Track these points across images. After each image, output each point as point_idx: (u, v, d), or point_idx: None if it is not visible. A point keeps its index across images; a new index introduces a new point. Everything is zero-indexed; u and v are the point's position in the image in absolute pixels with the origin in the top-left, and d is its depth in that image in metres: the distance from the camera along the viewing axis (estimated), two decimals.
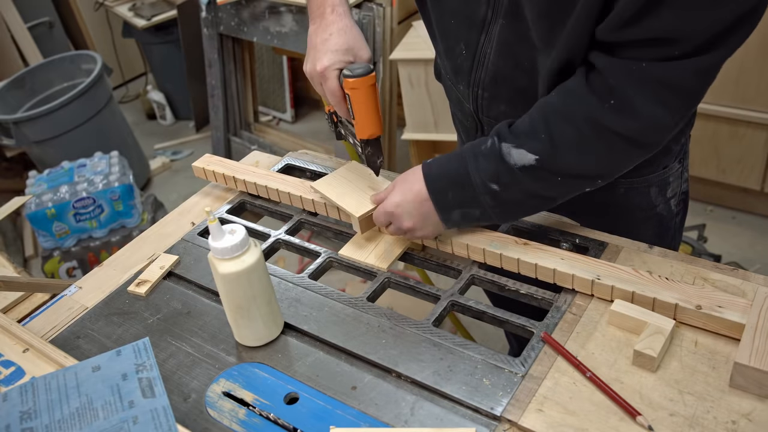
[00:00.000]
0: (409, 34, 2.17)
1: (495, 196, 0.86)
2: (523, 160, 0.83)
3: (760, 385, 0.72)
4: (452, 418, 0.76)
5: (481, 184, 0.86)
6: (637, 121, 0.77)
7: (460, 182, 0.88)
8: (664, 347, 0.77)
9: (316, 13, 0.96)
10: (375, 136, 0.97)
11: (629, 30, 0.73)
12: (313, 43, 0.95)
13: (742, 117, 2.16)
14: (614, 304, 0.83)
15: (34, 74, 3.12)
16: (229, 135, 3.04)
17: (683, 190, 1.10)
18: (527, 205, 0.89)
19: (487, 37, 0.92)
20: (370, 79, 0.90)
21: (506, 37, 0.89)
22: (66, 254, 2.55)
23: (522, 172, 0.83)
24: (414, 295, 0.96)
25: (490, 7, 0.88)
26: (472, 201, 0.88)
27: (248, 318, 0.86)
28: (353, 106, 0.92)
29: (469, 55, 0.96)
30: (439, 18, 0.98)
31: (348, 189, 1.04)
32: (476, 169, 0.86)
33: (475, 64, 0.96)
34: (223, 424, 0.79)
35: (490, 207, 0.87)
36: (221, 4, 2.65)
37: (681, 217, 1.14)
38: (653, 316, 0.80)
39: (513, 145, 0.83)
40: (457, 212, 0.90)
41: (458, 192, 0.88)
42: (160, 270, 1.03)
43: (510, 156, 0.83)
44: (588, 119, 0.79)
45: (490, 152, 0.85)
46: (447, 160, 0.91)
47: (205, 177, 1.23)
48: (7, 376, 0.85)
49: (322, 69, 0.92)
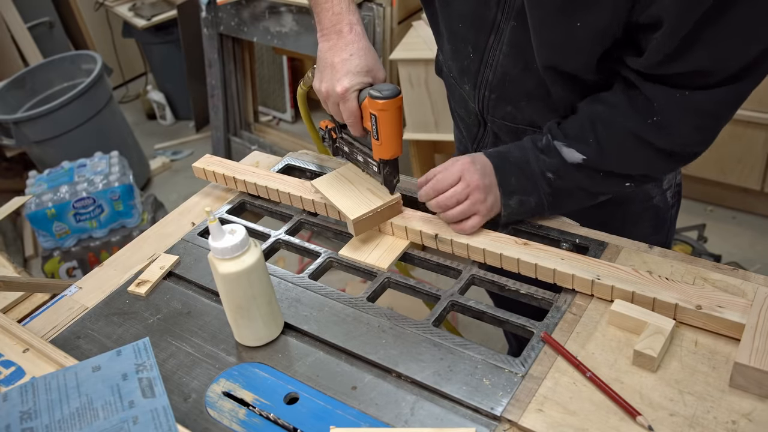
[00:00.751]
0: (409, 34, 2.17)
1: (551, 184, 0.94)
2: (573, 158, 0.91)
3: (760, 384, 0.72)
4: (452, 418, 0.76)
5: (540, 173, 0.93)
6: (675, 139, 0.86)
7: (521, 168, 0.94)
8: (664, 347, 0.77)
9: (331, 30, 0.94)
10: (396, 156, 0.97)
11: (668, 65, 0.79)
12: (330, 62, 0.93)
13: (742, 117, 2.16)
14: (614, 304, 0.83)
15: (34, 74, 3.12)
16: (229, 135, 3.04)
17: (677, 182, 1.13)
18: (575, 197, 0.96)
19: (495, 38, 0.93)
20: (398, 101, 0.91)
21: (518, 39, 0.90)
22: (66, 254, 2.55)
23: (573, 167, 0.91)
24: (414, 295, 0.96)
25: (500, 9, 0.90)
26: (532, 188, 0.94)
27: (248, 318, 0.86)
28: (380, 127, 0.92)
29: (476, 57, 0.97)
30: (447, 20, 0.98)
31: (347, 190, 1.04)
32: (536, 159, 0.93)
33: (483, 66, 0.96)
34: (223, 424, 0.79)
35: (546, 194, 0.94)
36: (221, 4, 2.65)
37: (676, 209, 1.17)
38: (653, 316, 0.80)
39: (564, 144, 0.91)
40: (515, 198, 0.95)
41: (520, 178, 0.94)
42: (161, 270, 1.03)
43: (562, 152, 0.91)
44: (632, 133, 0.86)
45: (546, 147, 0.93)
46: (507, 150, 0.96)
47: (205, 177, 1.23)
48: (7, 376, 0.85)
49: (343, 90, 0.92)
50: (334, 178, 1.08)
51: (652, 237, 0.98)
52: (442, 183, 0.95)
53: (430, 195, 0.97)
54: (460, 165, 0.95)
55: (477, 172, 0.94)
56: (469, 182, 0.93)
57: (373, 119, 0.92)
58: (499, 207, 0.96)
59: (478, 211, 0.95)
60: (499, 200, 0.95)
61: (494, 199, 0.95)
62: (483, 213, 0.95)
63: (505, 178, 0.94)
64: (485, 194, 0.94)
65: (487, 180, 0.94)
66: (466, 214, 0.95)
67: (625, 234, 0.98)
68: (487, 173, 0.94)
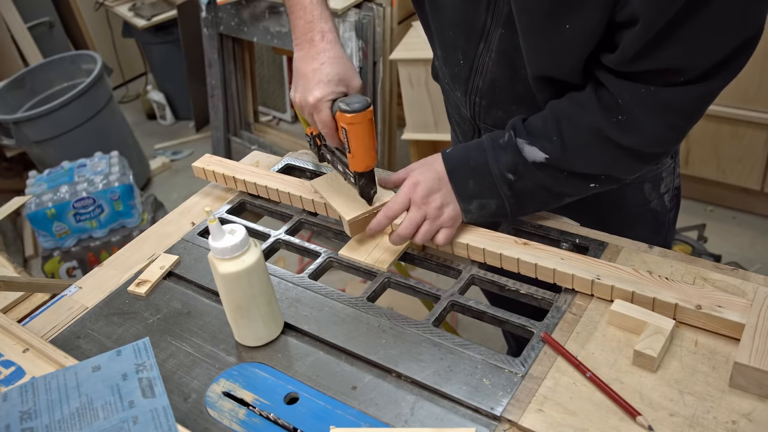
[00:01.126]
0: (409, 34, 2.17)
1: (511, 186, 0.90)
2: (535, 157, 0.88)
3: (760, 384, 0.72)
4: (452, 418, 0.76)
5: (499, 175, 0.90)
6: (641, 138, 0.83)
7: (479, 172, 0.91)
8: (664, 347, 0.77)
9: (303, 39, 0.93)
10: (370, 168, 0.96)
11: (638, 62, 0.77)
12: (303, 71, 0.92)
13: (743, 117, 2.16)
14: (614, 304, 0.83)
15: (34, 74, 3.12)
16: (229, 135, 3.04)
17: (676, 185, 1.12)
18: (539, 199, 0.93)
19: (485, 45, 0.92)
20: (368, 114, 0.89)
21: (505, 46, 0.89)
22: (66, 254, 2.55)
23: (534, 166, 0.88)
24: (414, 295, 0.96)
25: (489, 14, 0.89)
26: (491, 191, 0.91)
27: (248, 318, 0.86)
28: (350, 140, 0.91)
29: (466, 65, 0.96)
30: (438, 27, 0.98)
31: (344, 190, 1.04)
32: (495, 159, 0.90)
33: (473, 73, 0.96)
34: (223, 424, 0.79)
35: (506, 197, 0.91)
36: (221, 4, 2.65)
37: (674, 213, 1.16)
38: (653, 316, 0.80)
39: (526, 142, 0.88)
40: (475, 203, 0.92)
41: (478, 181, 0.91)
42: (160, 270, 1.03)
43: (523, 151, 0.88)
44: (595, 131, 0.84)
45: (507, 145, 0.90)
46: (466, 150, 0.93)
47: (205, 177, 1.23)
48: (7, 376, 0.85)
49: (314, 101, 0.90)
50: (333, 178, 1.08)
51: (651, 240, 0.97)
52: (391, 210, 0.94)
53: (382, 224, 0.95)
54: (406, 188, 0.93)
55: (424, 187, 0.92)
56: (419, 202, 0.92)
57: (344, 132, 0.91)
58: (456, 212, 0.93)
59: (443, 224, 0.93)
60: (455, 205, 0.93)
61: (454, 206, 0.93)
62: (448, 224, 0.93)
63: (461, 182, 0.92)
64: (440, 207, 0.92)
65: (439, 190, 0.92)
66: (432, 233, 0.93)
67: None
68: (439, 182, 0.92)
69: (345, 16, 2.30)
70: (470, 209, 0.93)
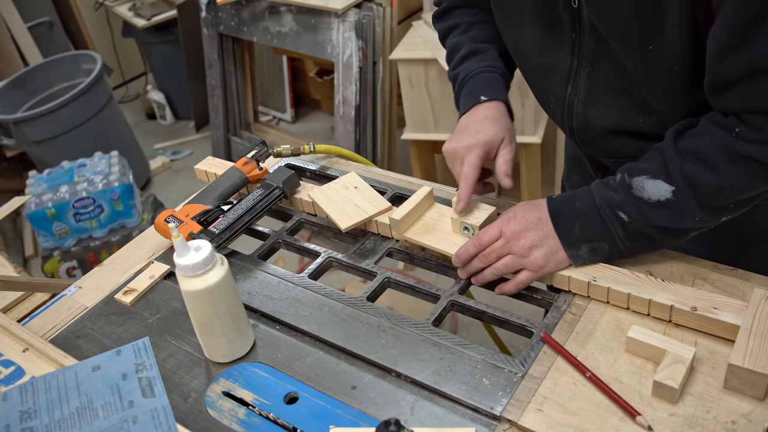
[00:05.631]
0: (409, 34, 2.17)
1: (625, 227, 0.84)
2: (659, 193, 0.80)
3: (754, 386, 0.72)
4: (452, 418, 0.76)
5: (610, 214, 0.84)
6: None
7: (587, 213, 0.85)
8: (684, 377, 0.74)
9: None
10: None
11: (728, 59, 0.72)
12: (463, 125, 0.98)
13: None
14: (631, 330, 0.78)
15: (34, 74, 3.12)
16: (229, 135, 3.04)
17: None
18: (658, 241, 0.85)
19: (573, 87, 0.91)
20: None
21: (592, 84, 0.88)
22: (66, 254, 2.55)
23: (653, 206, 0.81)
24: (414, 295, 0.96)
25: (575, 56, 0.88)
26: (603, 233, 0.85)
27: (212, 335, 0.85)
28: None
29: (557, 107, 0.96)
30: (528, 73, 0.99)
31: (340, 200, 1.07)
32: (604, 198, 0.84)
33: (565, 116, 0.96)
34: (223, 424, 0.79)
35: (620, 239, 0.85)
36: (221, 4, 2.65)
37: None
38: (673, 343, 0.76)
39: (647, 176, 0.81)
40: (585, 247, 0.86)
41: (586, 223, 0.85)
42: (150, 279, 1.02)
43: (643, 189, 0.81)
44: (719, 147, 0.77)
45: (618, 185, 0.83)
46: (571, 194, 0.88)
47: (207, 179, 1.23)
48: (7, 376, 0.85)
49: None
50: (331, 189, 1.09)
51: None
52: (480, 240, 0.90)
53: (470, 252, 0.90)
54: (502, 219, 0.90)
55: (519, 222, 0.87)
56: (508, 235, 0.88)
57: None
58: (559, 259, 0.87)
59: (525, 265, 0.87)
60: (558, 252, 0.87)
61: (548, 251, 0.86)
62: (532, 268, 0.87)
63: (566, 227, 0.86)
64: (530, 247, 0.87)
65: (534, 230, 0.87)
66: (511, 269, 0.89)
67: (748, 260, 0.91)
68: (538, 221, 0.87)
69: (345, 16, 2.30)
70: (579, 255, 0.87)
